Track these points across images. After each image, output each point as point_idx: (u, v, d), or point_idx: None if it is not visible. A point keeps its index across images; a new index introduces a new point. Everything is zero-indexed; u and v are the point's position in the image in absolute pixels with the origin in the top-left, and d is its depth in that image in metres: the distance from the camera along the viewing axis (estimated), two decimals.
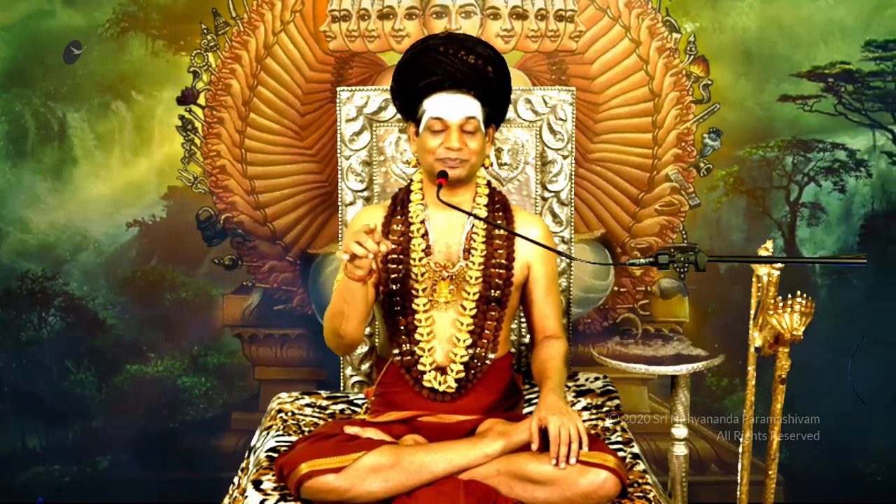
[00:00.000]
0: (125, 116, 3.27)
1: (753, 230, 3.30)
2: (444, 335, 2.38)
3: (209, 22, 3.21)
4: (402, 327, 2.39)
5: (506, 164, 2.77)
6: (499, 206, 2.46)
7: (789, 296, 2.10)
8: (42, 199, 3.31)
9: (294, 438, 2.37)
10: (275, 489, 2.16)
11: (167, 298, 3.35)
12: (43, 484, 3.39)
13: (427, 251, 2.40)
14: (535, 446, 2.12)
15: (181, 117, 3.25)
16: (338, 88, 2.77)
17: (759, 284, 2.18)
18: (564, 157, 2.75)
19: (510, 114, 2.72)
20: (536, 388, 2.39)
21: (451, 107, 2.31)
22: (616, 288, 3.34)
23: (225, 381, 3.38)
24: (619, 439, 2.39)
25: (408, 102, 2.38)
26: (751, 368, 2.26)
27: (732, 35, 3.21)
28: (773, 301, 2.14)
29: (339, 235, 2.76)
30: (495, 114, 2.41)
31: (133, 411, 3.37)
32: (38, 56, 3.25)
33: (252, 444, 2.52)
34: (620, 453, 2.27)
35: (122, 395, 3.37)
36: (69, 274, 3.35)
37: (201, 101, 3.24)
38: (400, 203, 2.45)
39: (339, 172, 2.76)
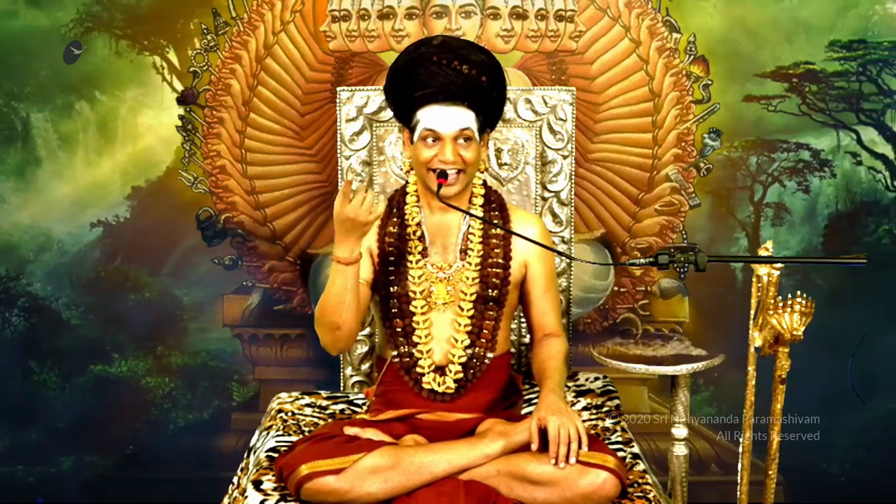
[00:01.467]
0: (89, 117, 3.26)
1: (717, 231, 3.30)
2: (442, 336, 2.38)
3: (209, 21, 3.20)
4: (400, 329, 2.38)
5: (506, 164, 2.77)
6: (495, 206, 2.45)
7: (789, 296, 2.11)
8: (5, 200, 3.30)
9: (294, 438, 2.37)
10: (275, 489, 2.17)
11: (131, 299, 3.34)
12: (7, 485, 3.39)
13: (424, 253, 2.40)
14: (534, 446, 2.12)
15: (181, 117, 3.25)
16: (338, 88, 2.77)
17: (759, 284, 2.18)
18: (564, 157, 2.75)
19: (510, 114, 2.72)
20: (536, 388, 2.39)
21: (445, 119, 2.29)
22: (616, 288, 3.34)
23: (188, 381, 3.37)
24: (619, 439, 2.39)
25: (402, 110, 2.37)
26: (751, 368, 2.26)
27: (697, 35, 3.19)
28: (772, 301, 2.14)
29: None
30: (490, 120, 2.40)
31: (96, 411, 3.36)
32: (1, 56, 3.23)
33: (252, 444, 2.52)
34: (620, 453, 2.27)
35: (86, 395, 3.36)
36: (32, 274, 3.34)
37: (201, 101, 3.24)
38: (396, 205, 2.45)
39: (339, 172, 2.76)
